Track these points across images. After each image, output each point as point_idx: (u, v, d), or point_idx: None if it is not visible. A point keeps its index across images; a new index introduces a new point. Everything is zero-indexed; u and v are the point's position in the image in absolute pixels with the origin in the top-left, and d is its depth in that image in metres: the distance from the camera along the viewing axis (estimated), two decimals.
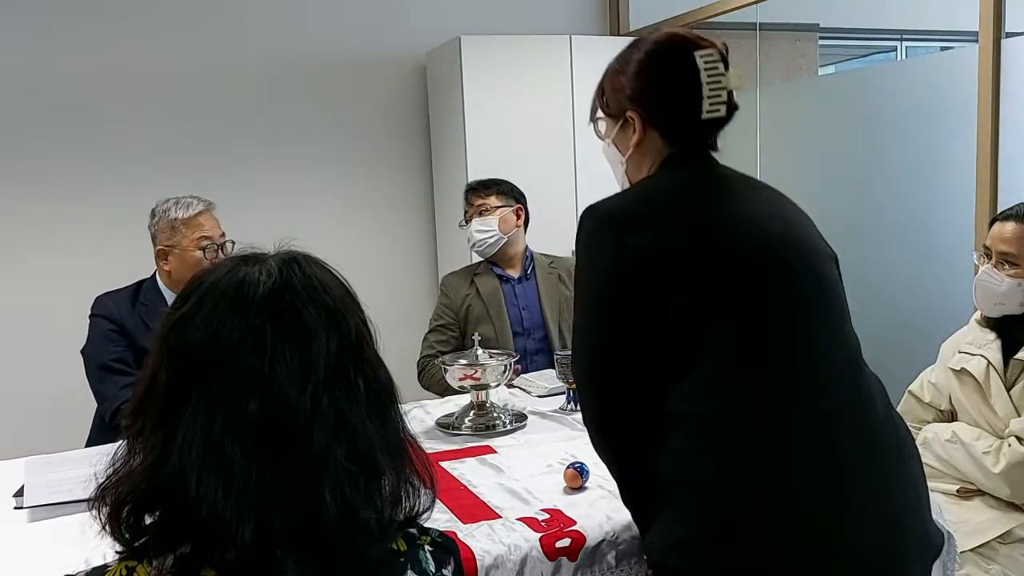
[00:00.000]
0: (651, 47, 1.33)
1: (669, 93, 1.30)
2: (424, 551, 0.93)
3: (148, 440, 0.83)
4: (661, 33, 1.35)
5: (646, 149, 1.34)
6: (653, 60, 1.32)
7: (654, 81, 1.31)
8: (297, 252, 0.92)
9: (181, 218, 2.34)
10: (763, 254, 1.22)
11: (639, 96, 1.32)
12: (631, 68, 1.34)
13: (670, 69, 1.30)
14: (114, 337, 2.32)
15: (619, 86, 1.35)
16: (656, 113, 1.31)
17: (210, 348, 0.83)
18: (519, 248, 2.84)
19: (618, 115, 1.36)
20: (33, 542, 1.54)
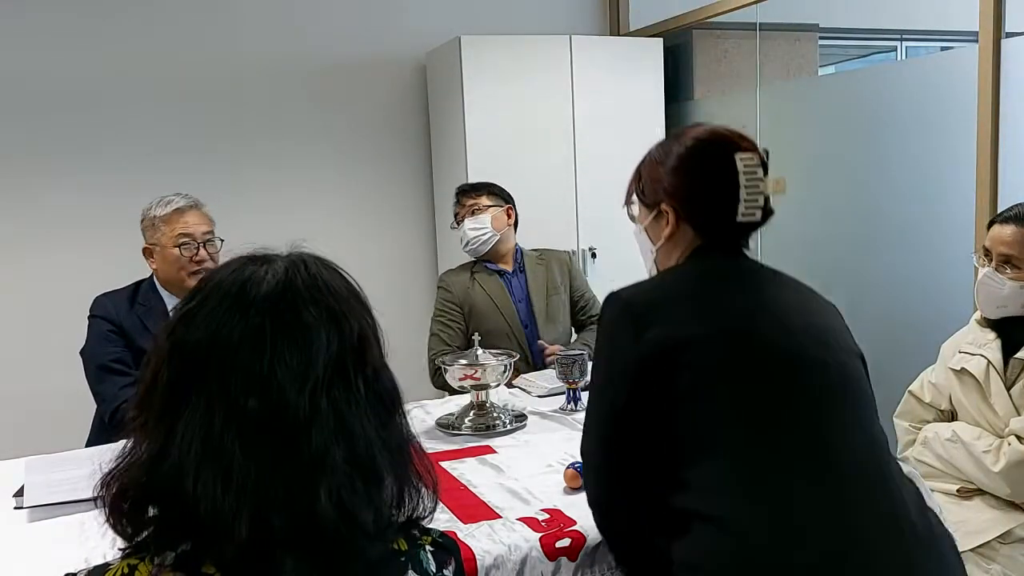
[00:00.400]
0: (692, 143, 1.33)
1: (706, 192, 1.30)
2: (425, 551, 0.93)
3: (149, 435, 0.84)
4: (703, 129, 1.35)
5: (678, 240, 1.34)
6: (693, 157, 1.32)
7: (692, 178, 1.31)
8: (306, 253, 0.93)
9: (160, 216, 2.35)
10: (784, 349, 1.20)
11: (676, 191, 1.32)
12: (670, 161, 1.34)
13: (709, 168, 1.30)
14: (112, 338, 2.32)
15: (657, 177, 1.36)
16: (691, 210, 1.32)
17: (210, 346, 0.83)
18: (510, 245, 2.89)
19: (653, 205, 1.37)
20: (33, 542, 1.54)
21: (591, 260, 3.81)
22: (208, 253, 2.35)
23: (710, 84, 4.05)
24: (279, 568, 0.80)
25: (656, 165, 1.36)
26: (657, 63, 3.89)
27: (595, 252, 3.83)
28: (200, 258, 2.33)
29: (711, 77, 4.05)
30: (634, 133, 3.87)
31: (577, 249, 3.80)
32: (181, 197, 2.39)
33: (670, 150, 1.35)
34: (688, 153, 1.32)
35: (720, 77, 4.05)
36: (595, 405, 1.29)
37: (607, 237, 3.84)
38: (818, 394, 1.19)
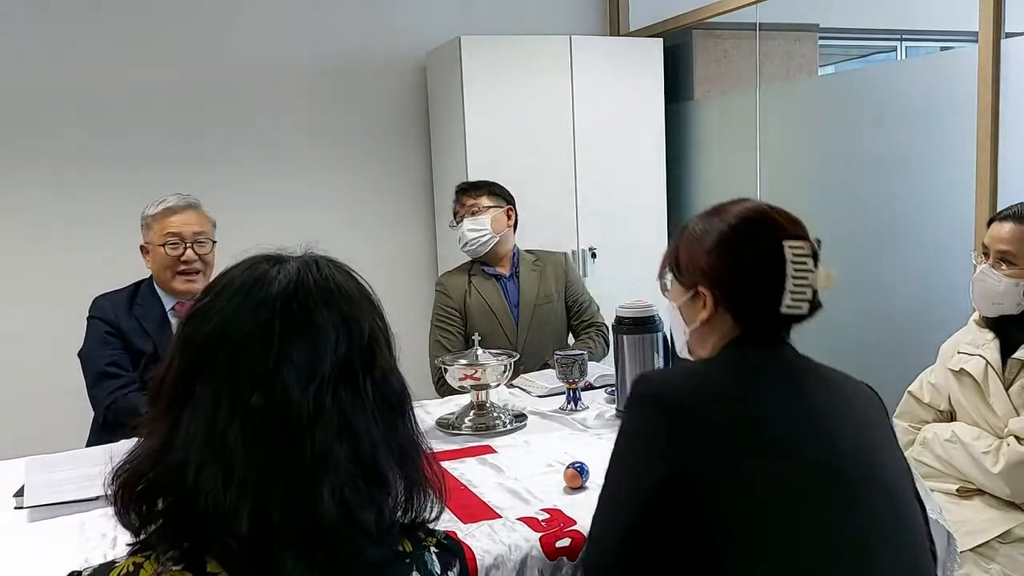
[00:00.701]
0: (736, 223, 1.23)
1: (749, 280, 1.20)
2: (430, 553, 0.93)
3: (156, 426, 0.85)
4: (750, 208, 1.25)
5: (715, 326, 1.25)
6: (736, 239, 1.22)
7: (734, 263, 1.21)
8: (320, 255, 0.94)
9: (151, 215, 2.36)
10: (826, 466, 1.11)
11: (715, 276, 1.23)
12: (710, 240, 1.23)
13: (754, 254, 1.20)
14: (110, 340, 2.32)
15: (695, 257, 1.25)
16: (731, 298, 1.22)
17: (219, 340, 0.84)
18: (508, 247, 2.87)
19: (690, 286, 1.27)
20: (33, 542, 1.54)
21: (591, 260, 3.81)
22: (197, 254, 2.34)
23: (710, 84, 4.05)
24: (279, 565, 0.81)
25: (695, 242, 1.26)
26: (657, 63, 3.89)
27: (595, 252, 3.83)
28: (188, 258, 2.33)
29: (711, 77, 4.05)
30: (634, 133, 3.88)
31: (577, 249, 3.80)
32: (176, 196, 2.39)
33: (711, 227, 1.24)
34: (731, 233, 1.22)
35: (720, 77, 4.05)
36: (611, 500, 1.17)
37: (607, 237, 3.84)
38: (865, 522, 1.10)
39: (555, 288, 2.85)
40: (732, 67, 4.03)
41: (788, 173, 3.55)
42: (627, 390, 2.11)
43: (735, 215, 1.24)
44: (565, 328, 2.89)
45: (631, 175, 3.88)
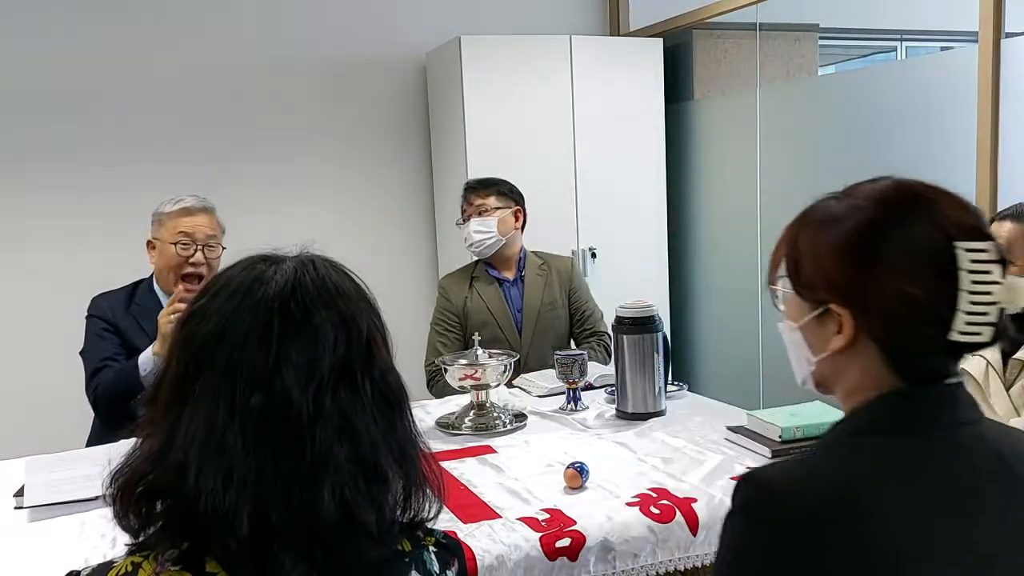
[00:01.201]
0: (880, 210, 0.89)
1: (905, 295, 0.85)
2: (428, 552, 0.93)
3: (155, 428, 0.85)
4: (897, 188, 0.91)
5: (854, 358, 0.91)
6: (883, 235, 0.87)
7: (881, 271, 0.86)
8: (316, 255, 0.94)
9: (166, 212, 2.36)
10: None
11: (851, 289, 0.88)
12: (841, 233, 0.89)
13: (910, 256, 0.86)
14: (107, 335, 2.33)
15: (821, 258, 0.91)
16: (877, 321, 0.87)
17: (218, 341, 0.84)
18: (515, 250, 2.83)
19: (816, 302, 0.92)
20: (33, 542, 1.54)
21: (591, 260, 3.81)
22: (206, 257, 2.35)
23: (710, 84, 4.05)
24: (279, 565, 0.81)
25: (818, 235, 0.92)
26: (657, 63, 3.89)
27: (595, 252, 3.83)
28: (196, 260, 2.33)
29: (711, 77, 4.05)
30: (634, 133, 3.88)
31: (577, 249, 3.80)
32: (193, 197, 2.40)
33: (842, 215, 0.90)
34: (874, 226, 0.88)
35: (720, 77, 4.05)
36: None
37: (607, 237, 3.84)
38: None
39: (560, 294, 2.81)
40: (732, 67, 4.02)
41: (788, 173, 3.55)
42: (628, 391, 2.14)
43: (876, 198, 0.90)
44: (568, 334, 2.85)
45: (631, 175, 3.88)
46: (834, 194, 0.96)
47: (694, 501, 1.58)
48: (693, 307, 4.14)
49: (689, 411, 2.20)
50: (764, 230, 3.61)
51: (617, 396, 2.17)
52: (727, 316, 3.92)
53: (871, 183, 0.94)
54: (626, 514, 1.54)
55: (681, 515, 1.54)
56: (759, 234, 3.63)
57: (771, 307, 1.01)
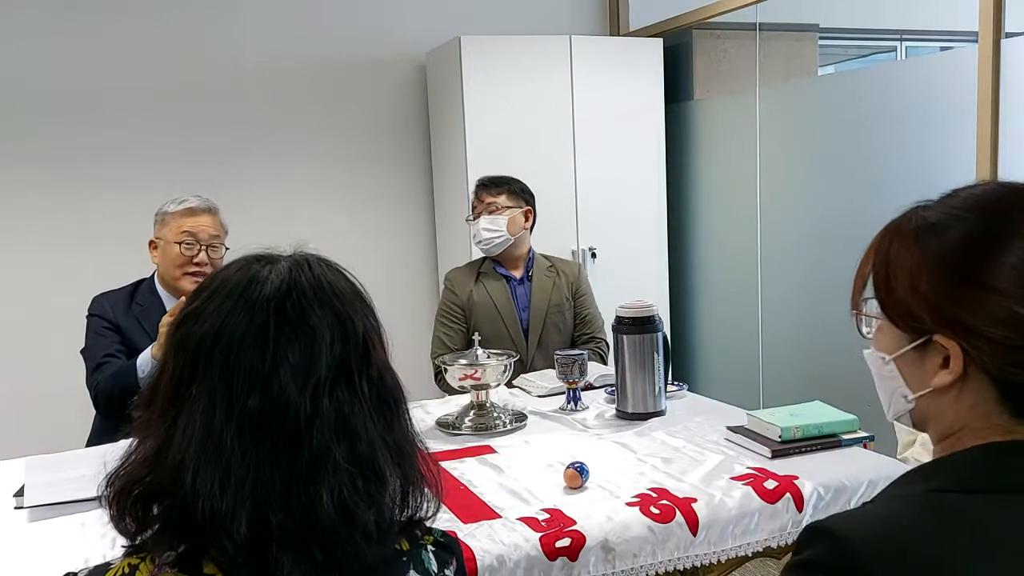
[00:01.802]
0: (985, 218, 0.77)
1: (1010, 317, 0.74)
2: (427, 551, 0.93)
3: (152, 431, 0.85)
4: (1006, 190, 0.80)
5: (963, 396, 0.79)
6: (992, 249, 0.75)
7: (994, 293, 0.74)
8: (310, 254, 0.93)
9: (170, 212, 2.38)
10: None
11: (958, 315, 0.76)
12: (944, 249, 0.77)
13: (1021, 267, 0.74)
14: (107, 334, 2.34)
15: (916, 280, 0.78)
16: (991, 353, 0.75)
17: (214, 342, 0.84)
18: (524, 250, 2.84)
19: (916, 331, 0.80)
20: (33, 542, 1.54)
21: (591, 260, 3.81)
22: (210, 257, 2.35)
23: (710, 84, 4.05)
24: (277, 568, 0.80)
25: (914, 251, 0.79)
26: (657, 63, 3.89)
27: (595, 252, 3.83)
28: (200, 260, 2.34)
29: (711, 77, 4.05)
30: (634, 133, 3.87)
31: (577, 249, 3.80)
32: (198, 198, 2.41)
33: (943, 227, 0.78)
34: (982, 243, 0.76)
35: (720, 77, 4.05)
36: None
37: (607, 237, 3.84)
38: None
39: (567, 297, 2.83)
40: (732, 67, 4.02)
41: (787, 173, 3.55)
42: (628, 391, 2.14)
43: (980, 206, 0.78)
44: (571, 337, 2.87)
45: (631, 175, 3.88)
46: (927, 201, 0.83)
47: (694, 501, 1.58)
48: (693, 307, 4.14)
49: (689, 411, 2.20)
50: (764, 230, 3.61)
51: (617, 396, 2.17)
52: (727, 316, 3.92)
53: (970, 188, 0.81)
54: (626, 514, 1.54)
55: (681, 515, 1.54)
56: (759, 234, 3.63)
57: (772, 307, 0.98)
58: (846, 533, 0.73)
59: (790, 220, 3.50)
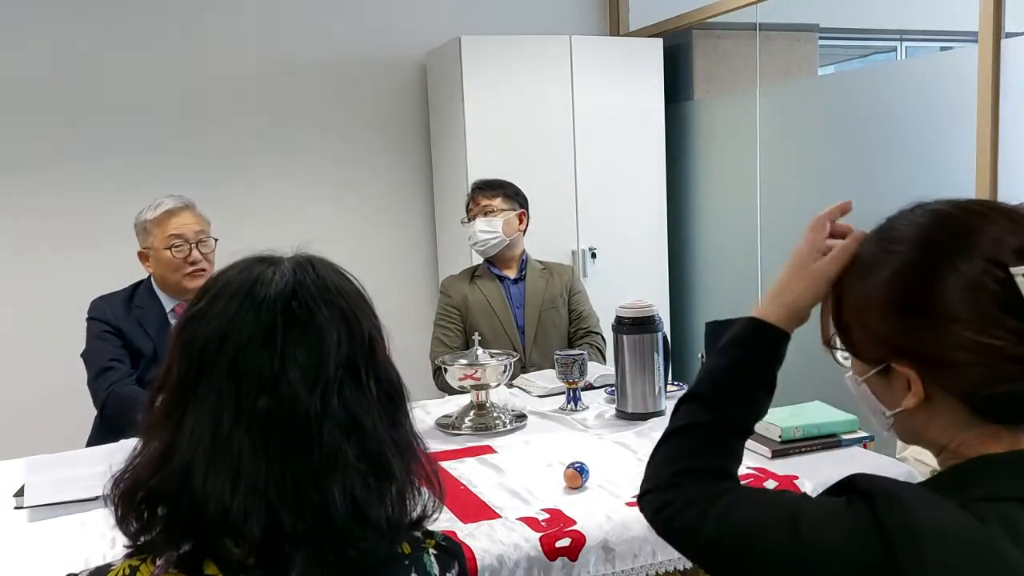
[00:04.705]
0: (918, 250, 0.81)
1: (979, 345, 0.76)
2: (428, 554, 0.93)
3: (158, 432, 0.85)
4: (935, 217, 0.82)
5: (936, 414, 0.83)
6: (929, 280, 0.78)
7: (942, 321, 0.77)
8: (312, 255, 0.94)
9: (150, 219, 2.36)
10: None
11: (908, 345, 0.80)
12: (881, 284, 0.82)
13: (973, 301, 0.76)
14: (108, 338, 2.33)
15: (864, 315, 0.84)
16: (952, 376, 0.79)
17: (220, 344, 0.84)
18: (517, 251, 2.88)
19: (873, 360, 0.85)
20: (33, 542, 1.54)
21: (591, 260, 3.81)
22: (202, 253, 2.34)
23: (710, 84, 4.05)
24: (288, 566, 0.80)
25: (859, 288, 0.85)
26: (657, 63, 3.89)
27: (595, 252, 3.83)
28: (193, 259, 2.33)
29: (711, 77, 4.05)
30: (634, 133, 3.87)
31: (577, 249, 3.80)
32: (171, 198, 2.39)
33: (878, 262, 0.84)
34: (918, 275, 0.79)
35: (720, 77, 4.05)
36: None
37: (607, 237, 3.84)
38: None
39: (561, 295, 2.87)
40: (732, 67, 4.02)
41: (788, 173, 3.55)
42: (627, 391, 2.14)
43: (912, 239, 0.82)
44: (567, 334, 2.90)
45: (631, 175, 3.88)
46: (872, 232, 0.89)
47: None
48: (693, 307, 4.14)
49: None
50: (764, 230, 3.61)
51: (617, 396, 2.17)
52: (727, 316, 3.91)
53: (901, 217, 0.85)
54: (626, 514, 1.54)
55: None
56: (759, 234, 3.63)
57: None
58: (913, 509, 0.75)
59: (790, 220, 3.50)
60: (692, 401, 0.96)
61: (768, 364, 0.95)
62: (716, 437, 0.94)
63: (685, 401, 0.98)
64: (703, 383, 0.96)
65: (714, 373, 0.96)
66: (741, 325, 0.96)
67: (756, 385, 0.95)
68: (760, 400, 0.96)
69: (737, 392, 0.94)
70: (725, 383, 0.95)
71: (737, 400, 0.94)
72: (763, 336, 0.95)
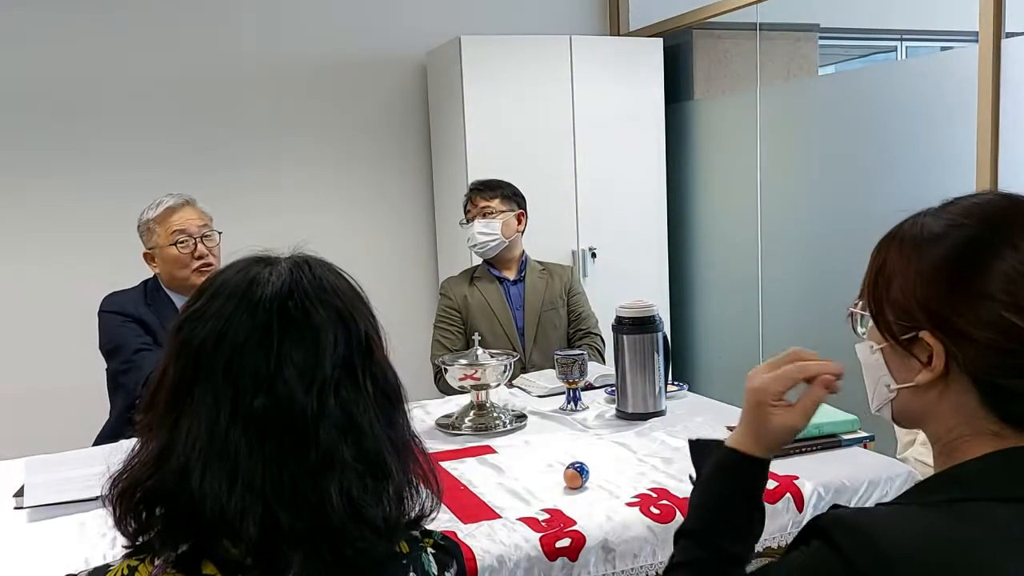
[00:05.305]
0: (985, 227, 0.80)
1: (1009, 325, 0.76)
2: (427, 553, 0.93)
3: (155, 433, 0.85)
4: (1006, 200, 0.83)
5: (945, 397, 0.83)
6: (987, 256, 0.78)
7: (984, 298, 0.77)
8: (309, 255, 0.94)
9: (152, 218, 2.35)
10: None
11: (946, 315, 0.79)
12: (940, 254, 0.81)
13: (1019, 284, 0.76)
14: (131, 326, 2.30)
15: (910, 281, 0.82)
16: (974, 353, 0.78)
17: (217, 344, 0.84)
18: (517, 252, 2.88)
19: (905, 328, 0.83)
20: (33, 542, 1.54)
21: (591, 260, 3.81)
22: (207, 247, 2.34)
23: (710, 84, 4.05)
24: (286, 566, 0.80)
25: (911, 256, 0.83)
26: (657, 63, 3.88)
27: (595, 252, 3.83)
28: (200, 253, 2.32)
29: (711, 77, 4.05)
30: (634, 133, 3.88)
31: (577, 249, 3.80)
32: (171, 196, 2.38)
33: (941, 234, 0.82)
34: (978, 250, 0.79)
35: (720, 77, 4.05)
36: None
37: (607, 237, 3.84)
38: None
39: (560, 295, 2.88)
40: (732, 67, 4.02)
41: (788, 173, 3.55)
42: (628, 391, 2.13)
43: (980, 215, 0.81)
44: (567, 334, 2.90)
45: (631, 175, 3.88)
46: (929, 209, 0.87)
47: None
48: (693, 307, 4.14)
49: (689, 411, 2.20)
50: (764, 230, 3.61)
51: (617, 396, 2.17)
52: (727, 316, 3.92)
53: (972, 197, 0.85)
54: (626, 514, 1.54)
55: (681, 515, 1.54)
56: (759, 234, 3.63)
57: (772, 308, 1.01)
58: (863, 524, 0.76)
59: (791, 220, 3.50)
60: (686, 538, 0.99)
61: (753, 491, 0.98)
62: (713, 571, 0.97)
63: (680, 536, 1.00)
64: (694, 519, 0.99)
65: (702, 508, 0.99)
66: (721, 457, 0.99)
67: (745, 514, 0.98)
68: (753, 526, 0.99)
69: (728, 525, 0.97)
70: (716, 519, 0.98)
71: (728, 532, 0.97)
72: (743, 467, 0.98)
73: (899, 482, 1.70)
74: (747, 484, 0.98)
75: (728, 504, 0.98)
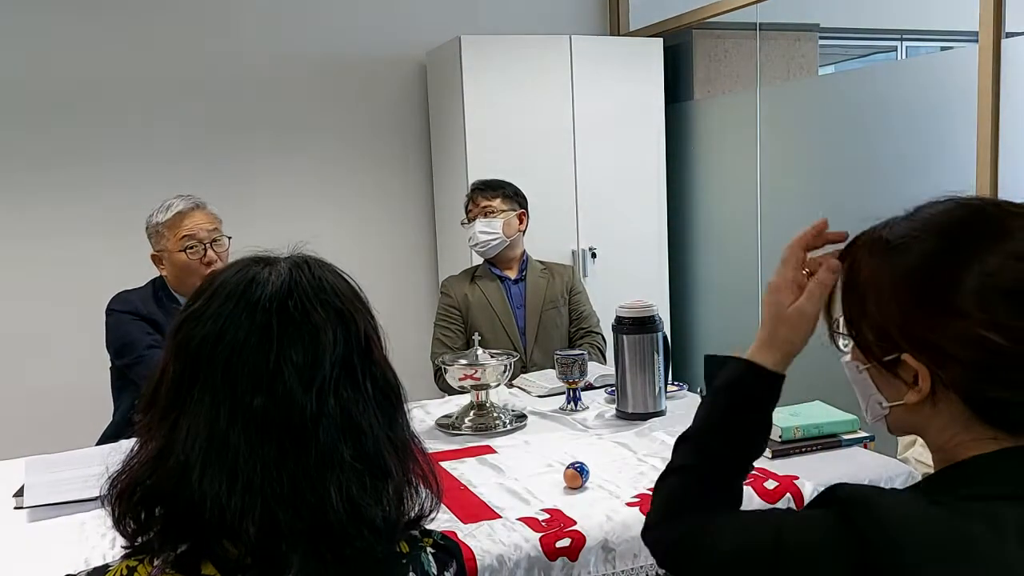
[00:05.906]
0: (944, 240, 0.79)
1: (988, 343, 0.75)
2: (426, 553, 0.93)
3: (154, 433, 0.85)
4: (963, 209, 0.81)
5: (937, 412, 0.82)
6: (950, 271, 0.77)
7: (956, 315, 0.76)
8: (308, 255, 0.94)
9: (162, 222, 2.33)
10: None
11: (924, 336, 0.78)
12: (907, 268, 0.80)
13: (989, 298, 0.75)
14: (141, 324, 2.29)
15: (883, 298, 0.81)
16: (958, 373, 0.78)
17: (216, 344, 0.84)
18: (518, 252, 2.88)
19: (884, 350, 0.82)
20: (33, 542, 1.54)
21: (591, 260, 3.81)
22: (216, 253, 2.32)
23: (710, 84, 4.05)
24: (285, 566, 0.80)
25: (880, 268, 0.82)
26: (657, 63, 3.88)
27: (595, 252, 3.83)
28: (209, 259, 2.30)
29: (711, 77, 4.05)
30: (634, 133, 3.88)
31: (577, 249, 3.80)
32: (181, 199, 2.36)
33: (905, 246, 0.80)
34: (940, 265, 0.78)
35: (720, 77, 4.05)
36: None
37: (607, 237, 3.84)
38: None
39: (561, 295, 2.88)
40: (732, 67, 4.02)
41: (788, 173, 3.55)
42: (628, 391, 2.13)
43: (937, 227, 0.80)
44: (568, 334, 2.90)
45: (631, 175, 3.88)
46: (889, 220, 0.85)
47: None
48: (693, 307, 4.14)
49: (689, 411, 2.18)
50: (764, 230, 3.61)
51: (617, 396, 2.17)
52: (727, 316, 3.92)
53: (929, 207, 0.83)
54: (626, 514, 1.54)
55: None
56: (759, 234, 3.63)
57: None
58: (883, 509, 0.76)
59: (791, 220, 3.50)
60: (688, 443, 1.00)
61: (763, 406, 0.97)
62: (710, 478, 0.97)
63: (682, 441, 1.01)
64: (699, 426, 0.99)
65: (709, 416, 0.99)
66: (735, 368, 0.98)
67: (751, 428, 0.97)
68: (756, 441, 0.98)
69: (732, 436, 0.97)
70: (720, 427, 0.98)
71: (732, 443, 0.97)
72: (757, 380, 0.96)
73: (899, 482, 1.70)
74: (756, 396, 0.96)
75: (735, 414, 0.97)
